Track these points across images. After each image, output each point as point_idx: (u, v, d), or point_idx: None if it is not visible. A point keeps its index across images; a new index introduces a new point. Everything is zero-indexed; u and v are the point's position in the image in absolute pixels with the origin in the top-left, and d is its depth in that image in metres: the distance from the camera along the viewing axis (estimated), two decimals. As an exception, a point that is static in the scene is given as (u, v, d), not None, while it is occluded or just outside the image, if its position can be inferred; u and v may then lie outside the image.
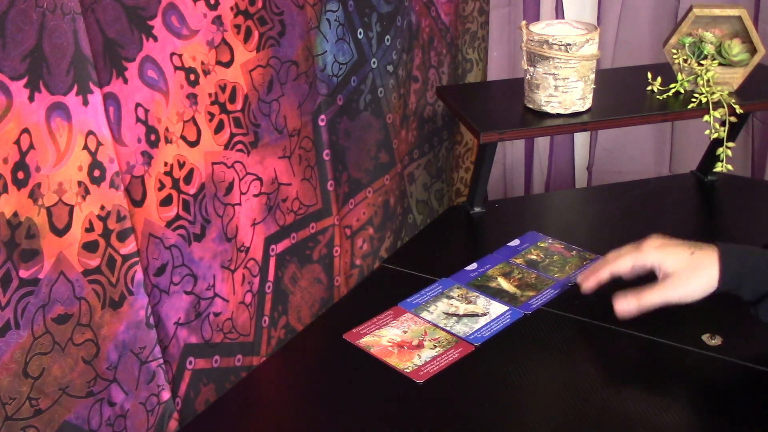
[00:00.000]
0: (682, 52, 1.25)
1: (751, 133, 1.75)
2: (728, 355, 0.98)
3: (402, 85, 1.28)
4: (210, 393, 0.96)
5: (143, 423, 0.86)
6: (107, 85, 0.76)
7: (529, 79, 1.20)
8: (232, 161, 0.93)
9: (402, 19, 1.23)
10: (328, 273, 1.16)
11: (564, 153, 1.91)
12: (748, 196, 1.43)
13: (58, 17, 0.69)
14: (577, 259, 1.20)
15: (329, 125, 1.10)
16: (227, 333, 0.97)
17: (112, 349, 0.81)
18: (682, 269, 0.93)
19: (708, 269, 0.92)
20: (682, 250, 0.94)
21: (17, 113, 0.67)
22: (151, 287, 0.85)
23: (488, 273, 1.17)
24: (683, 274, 0.93)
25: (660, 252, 0.96)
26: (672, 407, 0.91)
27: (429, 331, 1.04)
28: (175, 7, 0.82)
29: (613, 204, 1.40)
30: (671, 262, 0.94)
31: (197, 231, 0.90)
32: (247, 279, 0.99)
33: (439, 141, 1.45)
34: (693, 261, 0.93)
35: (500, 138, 1.18)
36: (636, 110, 1.22)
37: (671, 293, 0.93)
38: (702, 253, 0.93)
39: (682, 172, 1.58)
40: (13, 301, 0.69)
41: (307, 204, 1.09)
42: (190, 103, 0.86)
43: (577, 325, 1.05)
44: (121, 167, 0.79)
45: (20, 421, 0.72)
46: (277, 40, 0.97)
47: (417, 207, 1.41)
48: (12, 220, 0.68)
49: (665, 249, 0.96)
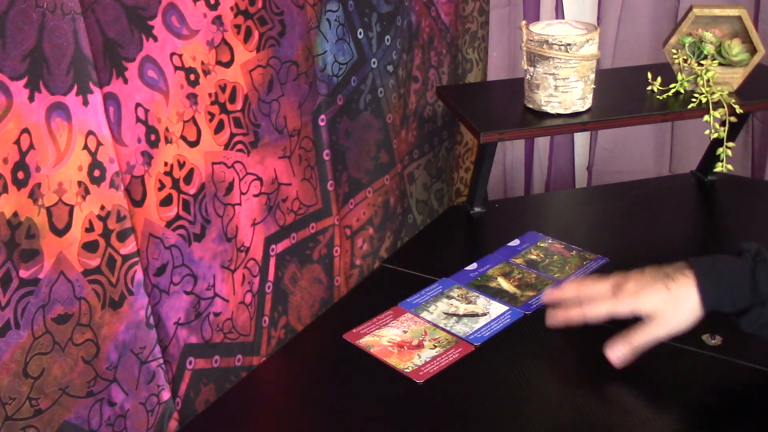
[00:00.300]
0: (682, 52, 1.25)
1: (751, 133, 1.75)
2: (728, 355, 0.97)
3: (402, 85, 1.28)
4: (210, 393, 0.96)
5: (143, 423, 0.86)
6: (107, 85, 0.76)
7: (529, 79, 1.20)
8: (232, 161, 0.93)
9: (402, 19, 1.23)
10: (328, 273, 1.16)
11: (564, 153, 1.91)
12: (748, 196, 1.43)
13: (58, 17, 0.69)
14: (577, 259, 1.20)
15: (329, 125, 1.10)
16: (227, 333, 0.97)
17: (112, 349, 0.81)
18: (662, 308, 0.91)
19: (688, 300, 0.90)
20: (658, 289, 0.92)
21: (17, 113, 0.67)
22: (151, 287, 0.85)
23: (488, 273, 1.17)
24: (665, 313, 0.91)
25: (636, 299, 0.93)
26: (672, 407, 0.91)
27: (429, 331, 1.04)
28: (175, 7, 0.82)
29: (613, 204, 1.40)
30: (650, 304, 0.92)
31: (197, 231, 0.90)
32: (247, 279, 0.99)
33: (439, 141, 1.45)
34: (671, 296, 0.91)
35: (500, 138, 1.18)
36: (636, 110, 1.22)
37: (659, 331, 0.92)
38: (678, 285, 0.91)
39: (682, 172, 1.58)
40: (13, 301, 0.69)
41: (307, 204, 1.09)
42: (190, 103, 0.86)
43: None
44: (121, 167, 0.79)
45: (20, 421, 0.72)
46: (277, 40, 0.97)
47: (417, 207, 1.41)
48: (12, 220, 0.68)
49: (641, 294, 0.93)
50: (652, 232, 1.29)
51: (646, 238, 1.27)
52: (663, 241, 1.11)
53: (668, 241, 1.09)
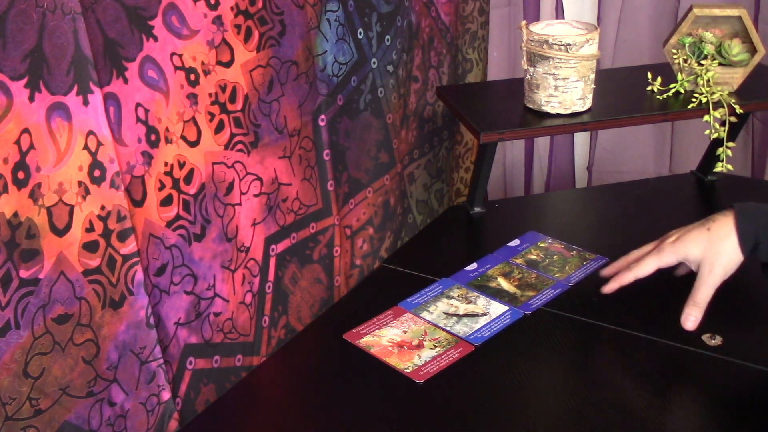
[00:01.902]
0: (682, 52, 1.25)
1: (751, 133, 1.75)
2: (728, 355, 0.98)
3: (402, 85, 1.28)
4: (210, 393, 0.96)
5: (143, 423, 0.86)
6: (107, 85, 0.76)
7: (529, 79, 1.20)
8: (233, 161, 0.93)
9: (402, 19, 1.23)
10: (328, 273, 1.16)
11: (564, 153, 1.91)
12: (748, 196, 1.42)
13: (58, 17, 0.69)
14: (577, 259, 1.20)
15: (329, 125, 1.10)
16: (227, 333, 0.97)
17: (112, 349, 0.81)
18: (706, 251, 0.94)
19: (728, 239, 0.92)
20: (699, 232, 0.95)
21: (17, 113, 0.67)
22: (151, 287, 0.85)
23: (488, 273, 1.17)
24: (709, 255, 0.94)
25: (679, 246, 0.96)
26: (672, 407, 0.91)
27: (429, 331, 1.04)
28: (176, 7, 0.82)
29: (613, 204, 1.40)
30: (693, 250, 0.95)
31: (197, 231, 0.90)
32: (247, 279, 0.99)
33: (439, 141, 1.45)
34: (712, 237, 0.94)
35: (500, 138, 1.18)
36: (636, 110, 1.22)
37: (713, 278, 0.94)
38: (718, 224, 0.94)
39: (682, 172, 1.58)
40: (14, 301, 0.69)
41: (307, 204, 1.09)
42: (191, 103, 0.86)
43: (577, 325, 1.05)
44: (121, 167, 0.79)
45: (20, 421, 0.72)
46: (278, 40, 0.97)
47: (417, 207, 1.41)
48: (12, 220, 0.68)
49: (683, 241, 0.96)
50: (652, 232, 1.28)
51: (646, 238, 1.26)
52: (663, 241, 1.11)
53: (668, 241, 1.09)
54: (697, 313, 0.96)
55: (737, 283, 0.98)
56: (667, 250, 0.98)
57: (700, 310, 0.96)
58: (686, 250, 0.96)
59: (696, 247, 0.95)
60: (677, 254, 0.97)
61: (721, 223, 0.94)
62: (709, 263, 0.94)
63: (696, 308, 0.96)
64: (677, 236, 0.98)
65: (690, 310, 0.96)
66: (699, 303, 0.96)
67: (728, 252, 0.93)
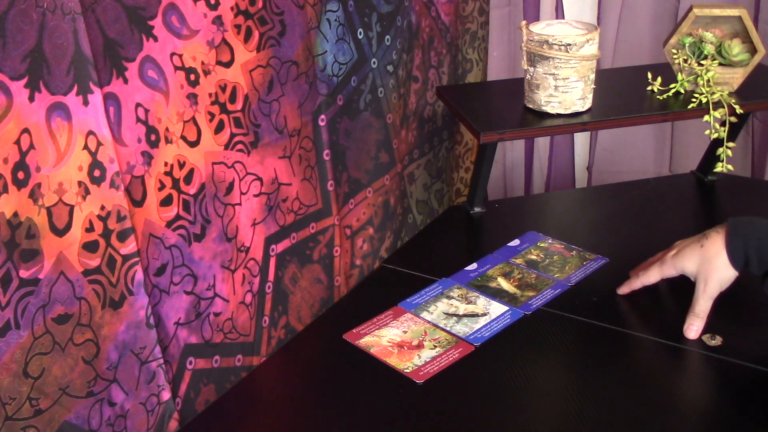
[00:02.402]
0: (682, 52, 1.25)
1: (751, 133, 1.75)
2: (728, 355, 0.98)
3: (402, 85, 1.28)
4: (210, 393, 0.96)
5: (143, 423, 0.86)
6: (107, 85, 0.76)
7: (529, 79, 1.20)
8: (233, 161, 0.93)
9: (402, 19, 1.23)
10: (328, 273, 1.16)
11: (564, 153, 1.91)
12: (748, 196, 1.43)
13: (58, 17, 0.69)
14: (577, 259, 1.20)
15: (329, 125, 1.10)
16: (227, 333, 0.97)
17: (112, 349, 0.81)
18: (700, 267, 0.99)
19: (719, 256, 0.97)
20: (693, 249, 1.00)
21: (17, 113, 0.67)
22: (151, 287, 0.85)
23: (488, 273, 1.17)
24: (703, 271, 0.99)
25: (677, 261, 1.02)
26: (672, 407, 0.91)
27: (429, 331, 1.04)
28: (176, 7, 0.82)
29: (613, 204, 1.40)
30: (689, 265, 1.01)
31: (197, 231, 0.90)
32: (247, 279, 0.99)
33: (439, 141, 1.45)
34: (704, 254, 0.98)
35: (500, 138, 1.18)
36: (636, 110, 1.22)
37: (709, 292, 0.99)
38: (710, 241, 0.99)
39: (682, 172, 1.58)
40: (14, 301, 0.69)
41: (307, 204, 1.09)
42: (191, 103, 0.86)
43: (577, 325, 1.05)
44: (121, 167, 0.79)
45: (20, 421, 0.72)
46: (278, 40, 0.97)
47: (417, 207, 1.41)
48: (12, 220, 0.68)
49: (680, 256, 1.02)
50: (652, 232, 1.29)
51: (646, 238, 1.27)
52: (663, 241, 1.11)
53: (668, 241, 1.08)
54: (699, 323, 1.00)
55: (737, 283, 0.98)
56: (668, 263, 1.04)
57: (701, 320, 1.00)
58: (683, 264, 1.02)
59: (691, 263, 1.00)
60: (676, 268, 1.03)
61: (713, 240, 0.98)
62: (704, 278, 0.99)
63: (697, 319, 1.00)
64: (677, 250, 1.04)
65: (691, 320, 1.01)
66: (699, 314, 1.00)
67: (721, 268, 0.97)
